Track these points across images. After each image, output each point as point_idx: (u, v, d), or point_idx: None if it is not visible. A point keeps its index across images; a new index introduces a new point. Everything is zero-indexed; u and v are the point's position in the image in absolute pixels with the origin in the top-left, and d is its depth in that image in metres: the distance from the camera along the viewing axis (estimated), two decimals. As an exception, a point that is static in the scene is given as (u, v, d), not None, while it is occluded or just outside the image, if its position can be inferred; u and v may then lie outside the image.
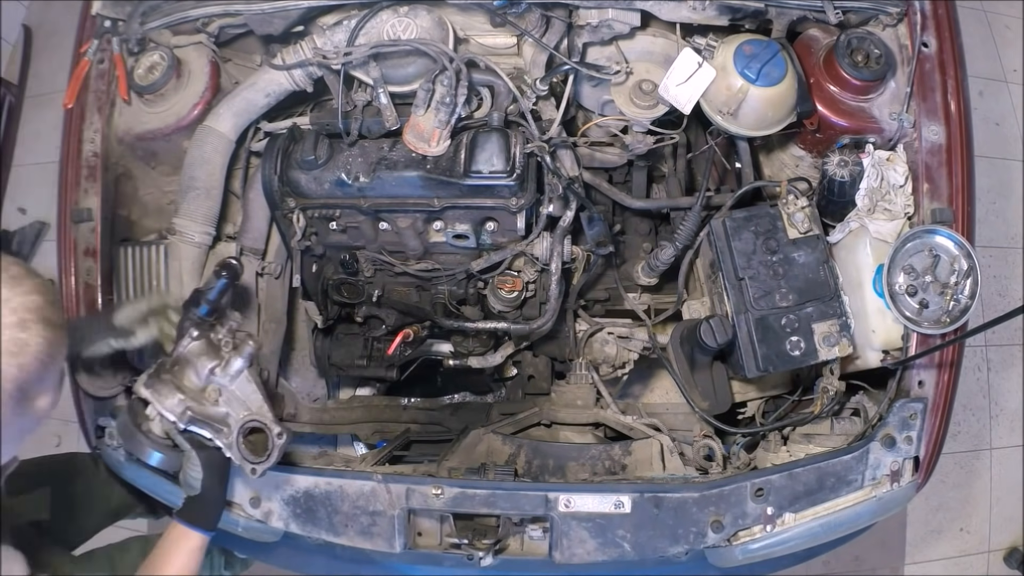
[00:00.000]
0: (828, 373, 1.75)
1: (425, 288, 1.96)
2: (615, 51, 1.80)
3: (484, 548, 1.58)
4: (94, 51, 1.82)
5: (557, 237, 1.79)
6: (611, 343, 2.05)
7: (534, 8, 1.66)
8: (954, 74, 1.70)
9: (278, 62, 1.76)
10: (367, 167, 1.73)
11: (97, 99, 1.81)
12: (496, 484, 1.59)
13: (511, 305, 1.90)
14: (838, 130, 1.74)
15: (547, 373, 2.07)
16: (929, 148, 1.67)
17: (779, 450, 1.77)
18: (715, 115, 1.67)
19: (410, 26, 1.70)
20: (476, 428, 1.86)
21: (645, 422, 1.90)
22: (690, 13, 1.67)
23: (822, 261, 1.66)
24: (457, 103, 1.67)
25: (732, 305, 1.69)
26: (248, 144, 1.94)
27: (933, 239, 1.60)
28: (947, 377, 1.63)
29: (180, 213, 1.80)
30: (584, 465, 1.81)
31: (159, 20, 1.77)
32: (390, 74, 1.74)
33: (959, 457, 3.12)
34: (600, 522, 1.56)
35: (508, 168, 1.67)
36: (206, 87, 1.83)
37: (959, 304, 1.58)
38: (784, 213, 1.69)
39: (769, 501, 1.57)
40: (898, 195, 1.65)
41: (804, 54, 1.77)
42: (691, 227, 1.82)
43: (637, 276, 2.05)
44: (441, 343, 2.10)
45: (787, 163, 1.93)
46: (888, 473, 1.59)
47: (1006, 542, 3.10)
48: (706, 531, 1.56)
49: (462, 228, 1.80)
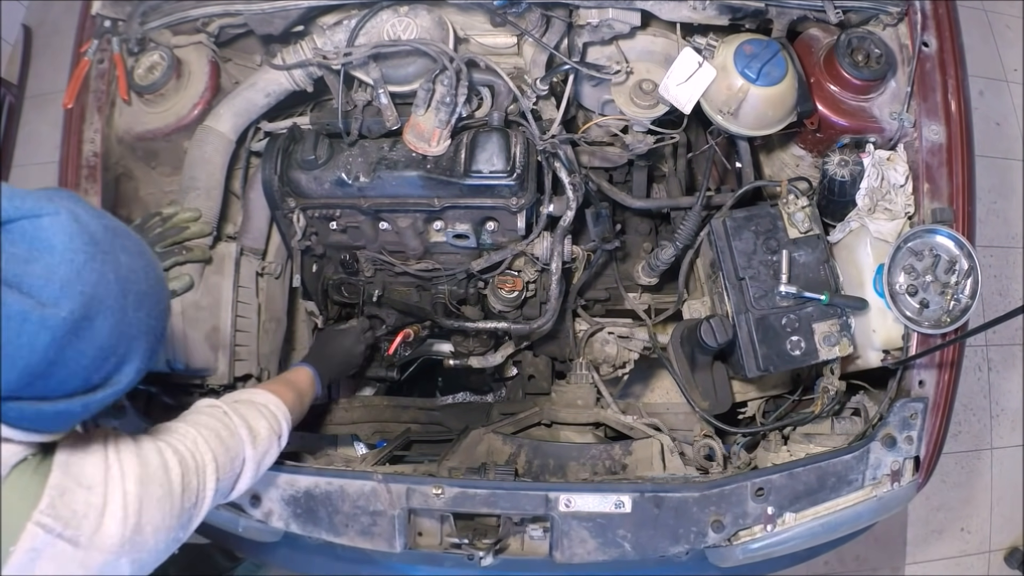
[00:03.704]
0: (828, 373, 1.75)
1: (425, 288, 1.96)
2: (615, 51, 1.80)
3: (484, 548, 1.57)
4: (94, 51, 1.82)
5: (557, 237, 1.79)
6: (611, 343, 2.05)
7: (534, 8, 1.66)
8: (954, 74, 1.70)
9: (278, 62, 1.76)
10: (367, 167, 1.73)
11: (97, 99, 1.81)
12: (496, 484, 1.59)
13: (511, 305, 1.90)
14: (838, 130, 1.74)
15: (547, 373, 2.07)
16: (929, 148, 1.67)
17: (779, 450, 1.77)
18: (715, 115, 1.67)
19: (410, 26, 1.70)
20: (476, 428, 1.86)
21: (645, 422, 1.90)
22: (690, 13, 1.67)
23: (822, 261, 1.66)
24: (457, 103, 1.67)
25: (732, 305, 1.69)
26: (248, 144, 1.94)
27: (934, 239, 1.60)
28: (948, 377, 1.63)
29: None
30: (584, 465, 1.81)
31: (159, 20, 1.77)
32: (390, 74, 1.74)
33: (960, 457, 3.12)
34: (600, 522, 1.56)
35: (508, 168, 1.67)
36: (206, 87, 1.83)
37: (959, 304, 1.58)
38: (784, 213, 1.69)
39: (769, 501, 1.56)
40: (898, 195, 1.65)
41: (804, 54, 1.77)
42: (691, 227, 1.81)
43: (637, 276, 2.05)
44: (441, 343, 2.10)
45: (787, 163, 1.93)
46: (888, 473, 1.59)
47: (1007, 542, 3.10)
48: (706, 531, 1.56)
49: (462, 228, 1.80)
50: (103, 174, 1.79)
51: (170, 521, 1.02)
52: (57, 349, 0.81)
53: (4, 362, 0.78)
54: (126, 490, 0.94)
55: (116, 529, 0.92)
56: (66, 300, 0.80)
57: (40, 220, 0.80)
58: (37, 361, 0.80)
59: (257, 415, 1.32)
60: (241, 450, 1.24)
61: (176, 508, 1.03)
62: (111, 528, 0.92)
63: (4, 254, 0.78)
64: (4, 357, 0.78)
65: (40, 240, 0.80)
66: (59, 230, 0.81)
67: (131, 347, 0.90)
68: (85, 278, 0.82)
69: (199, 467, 1.11)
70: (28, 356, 0.80)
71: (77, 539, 0.89)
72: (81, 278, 0.81)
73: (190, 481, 1.07)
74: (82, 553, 0.89)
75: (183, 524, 1.06)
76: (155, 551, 1.00)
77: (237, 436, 1.24)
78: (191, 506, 1.07)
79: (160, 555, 1.02)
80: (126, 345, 0.90)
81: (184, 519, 1.06)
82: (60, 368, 0.83)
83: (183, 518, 1.05)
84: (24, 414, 0.84)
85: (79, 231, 0.83)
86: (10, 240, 0.79)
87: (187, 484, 1.06)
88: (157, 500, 0.99)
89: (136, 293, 0.90)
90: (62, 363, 0.82)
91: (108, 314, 0.85)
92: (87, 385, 0.88)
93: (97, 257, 0.84)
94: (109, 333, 0.86)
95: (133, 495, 0.95)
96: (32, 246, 0.79)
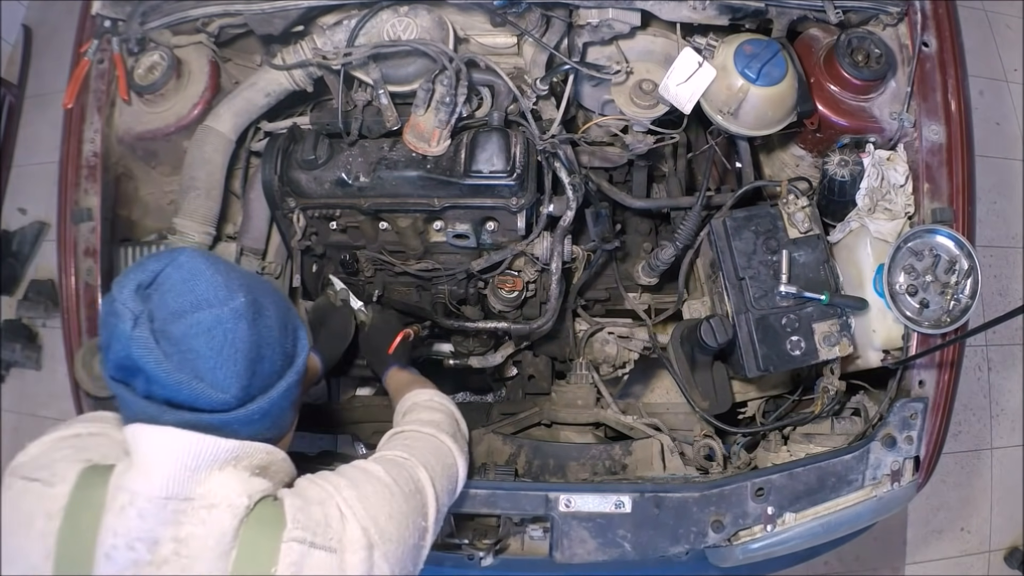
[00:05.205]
0: (828, 373, 1.75)
1: (425, 288, 1.96)
2: (615, 51, 1.80)
3: (484, 548, 1.58)
4: (94, 51, 1.82)
5: (557, 237, 1.79)
6: (611, 343, 2.05)
7: (534, 8, 1.66)
8: (954, 74, 1.70)
9: (278, 62, 1.76)
10: (367, 167, 1.73)
11: (97, 99, 1.81)
12: (496, 484, 1.59)
13: (511, 305, 1.90)
14: (838, 130, 1.74)
15: (547, 373, 2.07)
16: (929, 148, 1.67)
17: (779, 450, 1.77)
18: (715, 115, 1.67)
19: (410, 26, 1.70)
20: (476, 428, 1.86)
21: (645, 422, 1.90)
22: (690, 13, 1.67)
23: (822, 261, 1.66)
24: (457, 103, 1.67)
25: (732, 305, 1.69)
26: (248, 144, 1.94)
27: (934, 239, 1.60)
28: (948, 377, 1.63)
29: (180, 213, 1.79)
30: (584, 465, 1.81)
31: (159, 20, 1.77)
32: (390, 74, 1.74)
33: (960, 457, 3.12)
34: (600, 522, 1.56)
35: (508, 168, 1.67)
36: (206, 87, 1.83)
37: (959, 304, 1.58)
38: (784, 213, 1.69)
39: (769, 501, 1.57)
40: (898, 195, 1.65)
41: (804, 54, 1.77)
42: (691, 227, 1.81)
43: (637, 276, 2.05)
44: (441, 343, 2.09)
45: (787, 163, 1.93)
46: (888, 473, 1.59)
47: (1007, 542, 3.09)
48: (706, 531, 1.56)
49: (462, 228, 1.80)
50: (103, 174, 1.79)
51: (400, 507, 1.07)
52: (255, 331, 0.94)
53: (227, 364, 0.91)
54: (345, 497, 1.02)
55: (355, 525, 0.99)
56: (236, 292, 0.94)
57: (176, 261, 0.94)
58: (248, 347, 0.93)
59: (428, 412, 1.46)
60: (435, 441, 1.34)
61: (398, 496, 1.08)
62: (353, 527, 0.99)
63: (171, 293, 0.92)
64: (227, 360, 0.91)
65: (186, 271, 0.94)
66: (193, 258, 0.95)
67: (291, 316, 1.06)
68: (234, 277, 0.96)
69: (391, 459, 1.18)
70: (241, 346, 0.92)
71: (329, 544, 0.96)
72: (231, 277, 0.96)
73: (398, 473, 1.13)
74: (338, 557, 0.96)
75: (417, 510, 1.12)
76: (402, 541, 1.04)
77: (423, 435, 1.34)
78: (412, 491, 1.13)
79: (412, 549, 1.07)
80: (290, 315, 1.05)
81: (415, 505, 1.12)
82: (266, 348, 0.96)
83: (412, 504, 1.11)
84: (262, 411, 0.96)
85: (203, 255, 0.98)
86: (167, 286, 0.93)
87: (395, 476, 1.12)
88: (374, 493, 1.06)
89: (261, 279, 1.08)
90: (265, 342, 0.96)
91: (266, 293, 1.01)
92: (286, 355, 1.02)
93: (224, 263, 0.99)
94: (276, 307, 1.01)
95: (352, 497, 1.03)
96: (184, 278, 0.93)
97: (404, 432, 1.34)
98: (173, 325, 0.90)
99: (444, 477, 1.25)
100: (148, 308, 0.90)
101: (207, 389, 0.90)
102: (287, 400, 1.02)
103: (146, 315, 0.89)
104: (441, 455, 1.29)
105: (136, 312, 0.89)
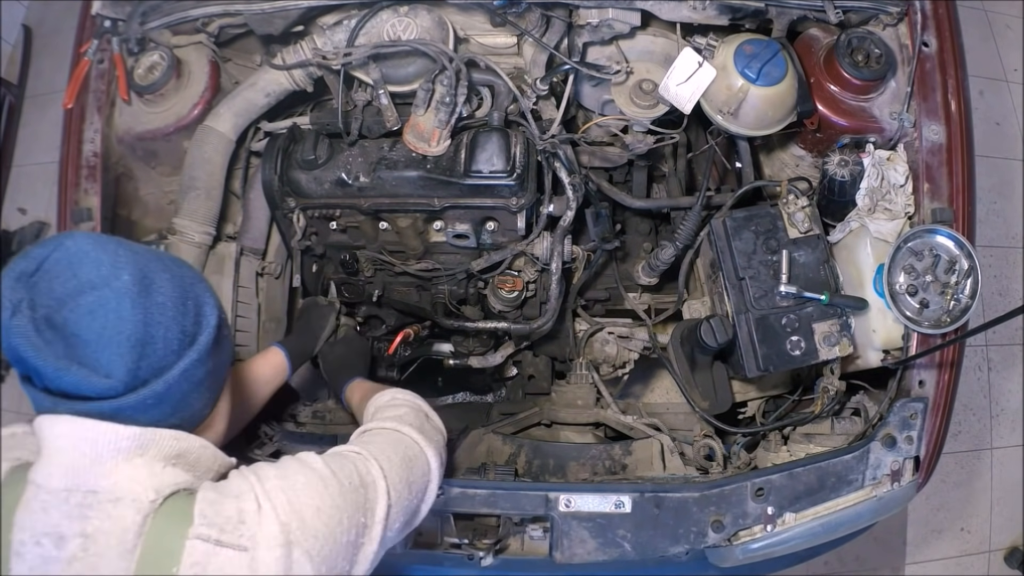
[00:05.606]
0: (828, 373, 1.75)
1: (425, 288, 1.96)
2: (615, 51, 1.80)
3: (484, 548, 1.58)
4: (94, 51, 1.82)
5: (557, 237, 1.79)
6: (611, 343, 2.05)
7: (534, 8, 1.66)
8: (954, 74, 1.70)
9: (278, 62, 1.76)
10: (367, 167, 1.73)
11: (97, 99, 1.81)
12: (496, 484, 1.59)
13: (511, 305, 1.90)
14: (838, 130, 1.74)
15: (547, 373, 2.07)
16: (929, 148, 1.67)
17: (779, 450, 1.77)
18: (715, 115, 1.67)
19: (410, 26, 1.70)
20: (476, 428, 1.86)
21: (645, 422, 1.90)
22: (690, 13, 1.67)
23: (822, 261, 1.66)
24: (457, 103, 1.67)
25: (732, 305, 1.69)
26: (248, 144, 1.94)
27: (934, 239, 1.60)
28: (948, 377, 1.63)
29: (180, 213, 1.80)
30: (584, 465, 1.81)
31: (159, 20, 1.77)
32: (390, 74, 1.74)
33: (960, 457, 3.12)
34: (600, 522, 1.56)
35: (508, 168, 1.67)
36: (206, 87, 1.83)
37: (959, 304, 1.58)
38: (784, 213, 1.69)
39: (769, 501, 1.56)
40: (898, 195, 1.65)
41: (804, 54, 1.77)
42: (691, 227, 1.81)
43: (637, 276, 2.05)
44: (441, 343, 2.09)
45: (787, 163, 1.93)
46: (888, 473, 1.59)
47: (1007, 542, 3.09)
48: (706, 531, 1.56)
49: (462, 228, 1.80)
50: (103, 174, 1.79)
51: (333, 501, 0.98)
52: (142, 310, 0.89)
53: (109, 346, 0.86)
54: (267, 489, 0.94)
55: (272, 520, 0.91)
56: (121, 270, 0.89)
57: (62, 246, 0.90)
58: (133, 327, 0.87)
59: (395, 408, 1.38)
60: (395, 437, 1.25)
61: (333, 489, 0.99)
62: (269, 522, 0.91)
63: (57, 279, 0.87)
64: (108, 343, 0.86)
65: (71, 255, 0.89)
66: (78, 241, 0.91)
67: (195, 291, 0.98)
68: (122, 254, 0.91)
69: (339, 451, 1.11)
70: (125, 327, 0.87)
71: (239, 542, 0.89)
72: (118, 256, 0.91)
73: (340, 465, 1.04)
74: (249, 556, 0.89)
75: (356, 505, 1.01)
76: (331, 538, 0.96)
77: (383, 430, 1.25)
78: (355, 486, 1.03)
79: (346, 547, 0.98)
80: (192, 291, 0.97)
81: (354, 500, 1.02)
82: (156, 327, 0.90)
83: (350, 499, 1.01)
84: (157, 395, 0.90)
85: (90, 237, 0.93)
86: (52, 272, 0.89)
87: (336, 468, 1.03)
88: (304, 485, 0.97)
89: (160, 254, 1.00)
90: (154, 321, 0.90)
91: (162, 269, 0.94)
92: (185, 334, 0.94)
93: (113, 242, 0.93)
94: (173, 283, 0.94)
95: (276, 488, 0.95)
96: (69, 262, 0.88)
97: (364, 431, 1.26)
98: (58, 312, 0.86)
99: (405, 469, 1.15)
100: (30, 296, 0.86)
101: (90, 375, 0.85)
102: (188, 382, 0.94)
103: (26, 303, 0.85)
104: (402, 447, 1.20)
105: (15, 301, 0.85)
